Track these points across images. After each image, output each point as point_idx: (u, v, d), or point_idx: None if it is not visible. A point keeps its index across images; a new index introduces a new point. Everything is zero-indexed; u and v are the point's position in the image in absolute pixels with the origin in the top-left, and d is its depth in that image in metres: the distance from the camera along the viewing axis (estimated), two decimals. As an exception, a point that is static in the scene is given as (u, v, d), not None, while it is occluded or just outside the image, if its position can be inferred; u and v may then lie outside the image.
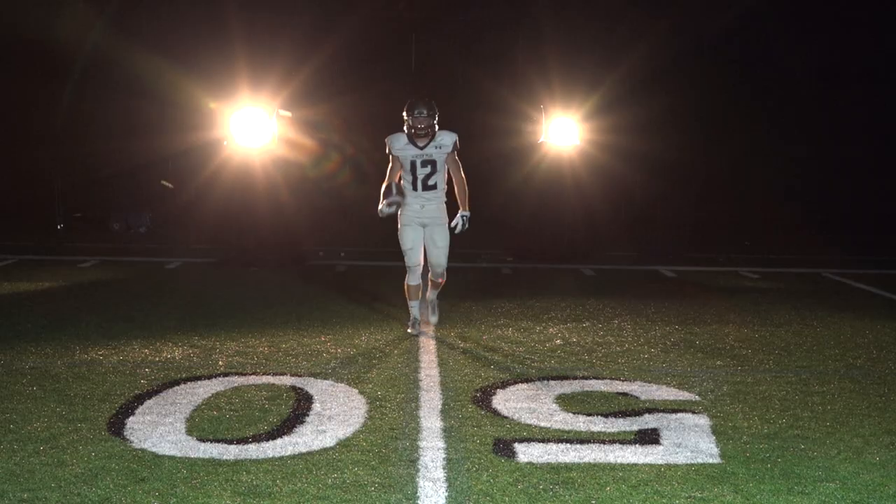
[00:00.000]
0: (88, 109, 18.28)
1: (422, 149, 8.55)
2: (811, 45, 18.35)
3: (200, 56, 16.74)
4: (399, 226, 8.76)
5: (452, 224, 8.62)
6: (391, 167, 8.69)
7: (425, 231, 8.72)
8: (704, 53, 18.37)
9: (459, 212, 8.62)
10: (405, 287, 9.01)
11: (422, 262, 8.80)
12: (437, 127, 8.56)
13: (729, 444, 5.89)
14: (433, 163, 8.57)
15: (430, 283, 9.10)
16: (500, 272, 14.48)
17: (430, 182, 8.61)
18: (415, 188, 8.63)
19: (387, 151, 8.67)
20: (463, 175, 8.68)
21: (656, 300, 11.61)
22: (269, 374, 7.48)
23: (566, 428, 6.16)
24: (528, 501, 4.93)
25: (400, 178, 8.74)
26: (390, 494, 4.98)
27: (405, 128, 8.55)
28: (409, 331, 9.10)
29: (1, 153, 18.18)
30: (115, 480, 5.07)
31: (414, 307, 9.09)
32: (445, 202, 8.75)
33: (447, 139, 8.58)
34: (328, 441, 5.81)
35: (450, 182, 8.81)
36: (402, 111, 8.56)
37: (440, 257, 8.78)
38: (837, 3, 18.44)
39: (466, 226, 8.61)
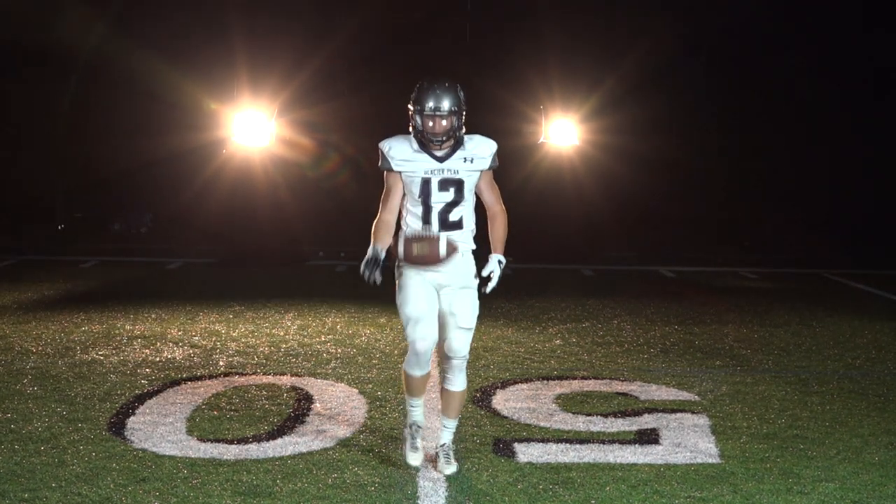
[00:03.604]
0: (89, 110, 18.29)
1: (441, 161, 5.30)
2: (811, 45, 18.35)
3: (201, 58, 16.75)
4: (397, 282, 5.42)
5: (484, 272, 5.33)
6: (387, 193, 5.38)
7: (441, 296, 5.34)
8: (703, 54, 18.38)
9: (492, 255, 5.37)
10: (402, 376, 5.51)
11: (434, 340, 5.30)
12: (464, 129, 5.37)
13: (728, 443, 5.90)
14: (458, 184, 5.30)
15: (441, 393, 5.58)
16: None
17: (453, 216, 5.33)
18: (427, 224, 5.34)
19: (379, 165, 5.38)
20: (503, 206, 5.51)
21: (656, 300, 11.63)
22: (269, 375, 7.49)
23: (566, 428, 6.18)
24: (528, 501, 4.94)
25: (401, 215, 5.43)
26: (390, 494, 5.00)
27: (411, 128, 5.34)
28: (407, 458, 5.45)
29: (1, 153, 18.19)
30: (116, 480, 5.09)
31: (416, 409, 5.51)
32: (475, 250, 5.45)
33: (483, 149, 5.37)
34: (328, 441, 5.82)
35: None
36: (409, 103, 5.35)
37: (460, 342, 5.34)
38: (836, 3, 18.44)
39: (497, 279, 5.35)
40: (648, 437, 5.98)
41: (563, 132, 15.83)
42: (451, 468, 5.38)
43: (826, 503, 4.97)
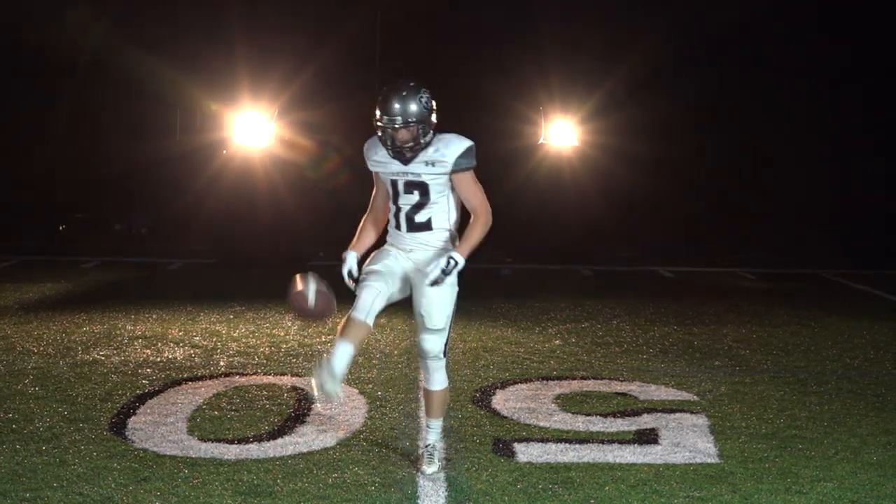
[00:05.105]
0: (90, 110, 18.31)
1: (406, 164, 5.21)
2: (811, 45, 18.36)
3: (202, 59, 16.78)
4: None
5: (428, 269, 5.15)
6: (375, 191, 5.49)
7: (413, 292, 5.33)
8: (702, 54, 18.39)
9: (448, 253, 5.16)
10: (423, 394, 5.62)
11: (384, 295, 5.23)
12: (430, 134, 5.18)
13: (727, 443, 5.92)
14: (422, 187, 5.22)
15: (423, 394, 5.60)
16: (499, 272, 14.51)
17: (420, 218, 5.26)
18: (397, 226, 5.34)
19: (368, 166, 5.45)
20: (484, 206, 5.23)
21: (655, 301, 11.64)
22: (270, 375, 7.51)
23: (565, 428, 6.19)
24: (528, 501, 4.96)
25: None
26: (390, 494, 5.02)
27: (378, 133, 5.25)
28: (312, 389, 5.12)
29: (2, 153, 18.20)
30: (117, 480, 5.10)
31: (341, 349, 5.12)
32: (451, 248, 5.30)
33: (448, 150, 5.16)
34: (329, 441, 5.84)
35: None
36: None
37: (430, 343, 5.28)
38: (837, 3, 18.45)
39: (447, 274, 5.12)
40: (647, 437, 6.00)
41: (562, 133, 15.87)
42: (432, 467, 5.35)
43: (824, 503, 4.99)
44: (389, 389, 7.09)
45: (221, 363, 7.90)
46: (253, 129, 15.10)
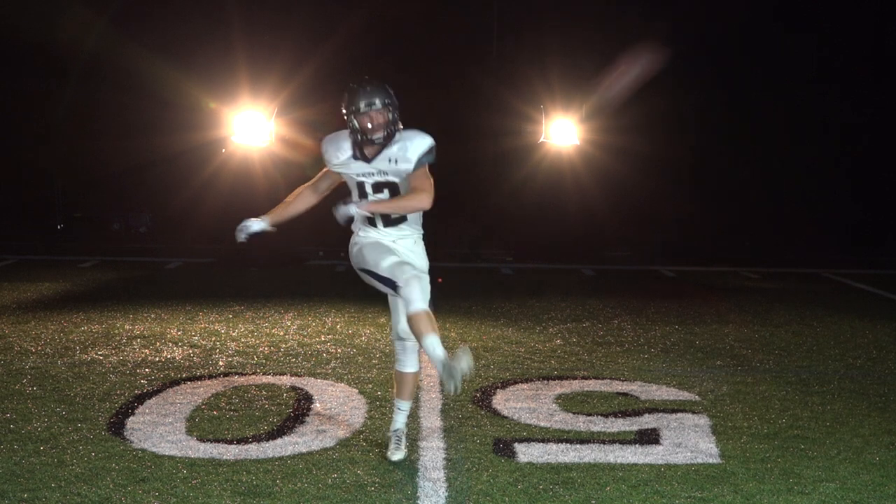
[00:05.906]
0: (89, 109, 18.28)
1: (369, 161, 5.33)
2: (811, 45, 18.35)
3: (201, 56, 16.74)
4: (353, 248, 5.55)
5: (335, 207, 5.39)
6: (321, 176, 5.70)
7: (400, 253, 5.47)
8: (703, 54, 18.37)
9: (359, 201, 5.41)
10: (395, 376, 5.72)
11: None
12: (398, 125, 5.37)
13: (729, 443, 5.90)
14: (392, 187, 5.36)
15: (395, 376, 5.71)
16: (500, 272, 14.49)
17: (395, 214, 5.41)
18: (372, 224, 5.43)
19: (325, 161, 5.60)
20: (430, 191, 5.32)
21: (656, 300, 11.62)
22: (269, 375, 7.48)
23: (566, 428, 6.17)
24: (528, 501, 4.93)
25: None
26: (390, 494, 4.99)
27: (350, 130, 5.41)
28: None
29: (1, 153, 18.18)
30: (116, 480, 5.08)
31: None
32: (423, 234, 5.56)
33: (411, 149, 5.29)
34: (328, 441, 5.81)
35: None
36: (342, 106, 5.45)
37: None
38: (837, 3, 18.44)
39: (346, 205, 5.34)
40: (649, 437, 5.97)
41: (563, 132, 15.84)
42: (399, 454, 5.52)
43: (827, 503, 4.96)
44: (389, 389, 7.05)
45: (220, 363, 7.87)
46: (252, 127, 15.06)
